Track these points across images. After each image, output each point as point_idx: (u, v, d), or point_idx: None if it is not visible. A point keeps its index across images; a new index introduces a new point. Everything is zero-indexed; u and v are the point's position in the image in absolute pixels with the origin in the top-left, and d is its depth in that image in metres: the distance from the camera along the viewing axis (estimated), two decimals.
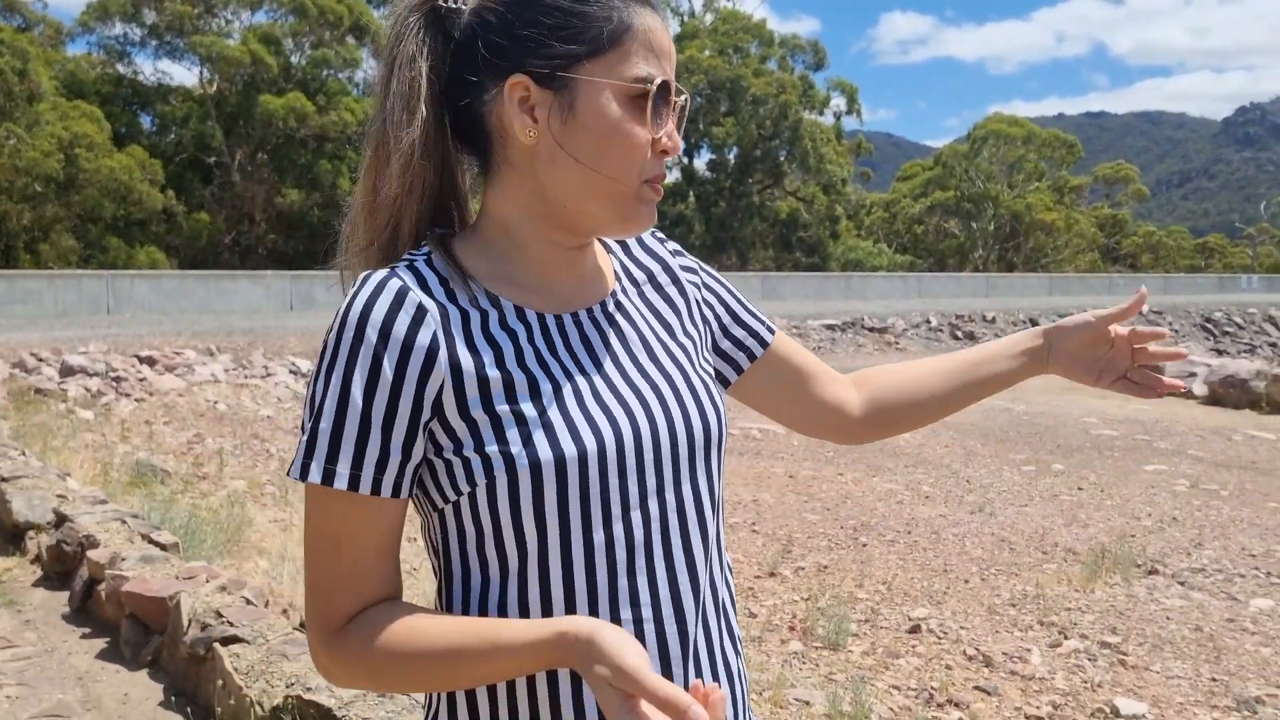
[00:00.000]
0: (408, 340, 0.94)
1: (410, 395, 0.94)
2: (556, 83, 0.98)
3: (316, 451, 0.94)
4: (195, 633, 2.88)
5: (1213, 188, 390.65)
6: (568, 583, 0.96)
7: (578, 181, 0.99)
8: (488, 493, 0.95)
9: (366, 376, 0.93)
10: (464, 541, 0.99)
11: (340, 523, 0.96)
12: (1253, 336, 24.97)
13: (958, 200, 47.71)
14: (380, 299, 0.95)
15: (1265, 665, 4.23)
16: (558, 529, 0.95)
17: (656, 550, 0.99)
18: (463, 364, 0.95)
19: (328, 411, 0.94)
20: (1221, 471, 8.08)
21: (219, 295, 19.13)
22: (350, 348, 0.94)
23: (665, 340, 1.09)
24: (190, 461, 6.91)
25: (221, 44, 29.74)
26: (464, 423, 0.95)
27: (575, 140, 0.98)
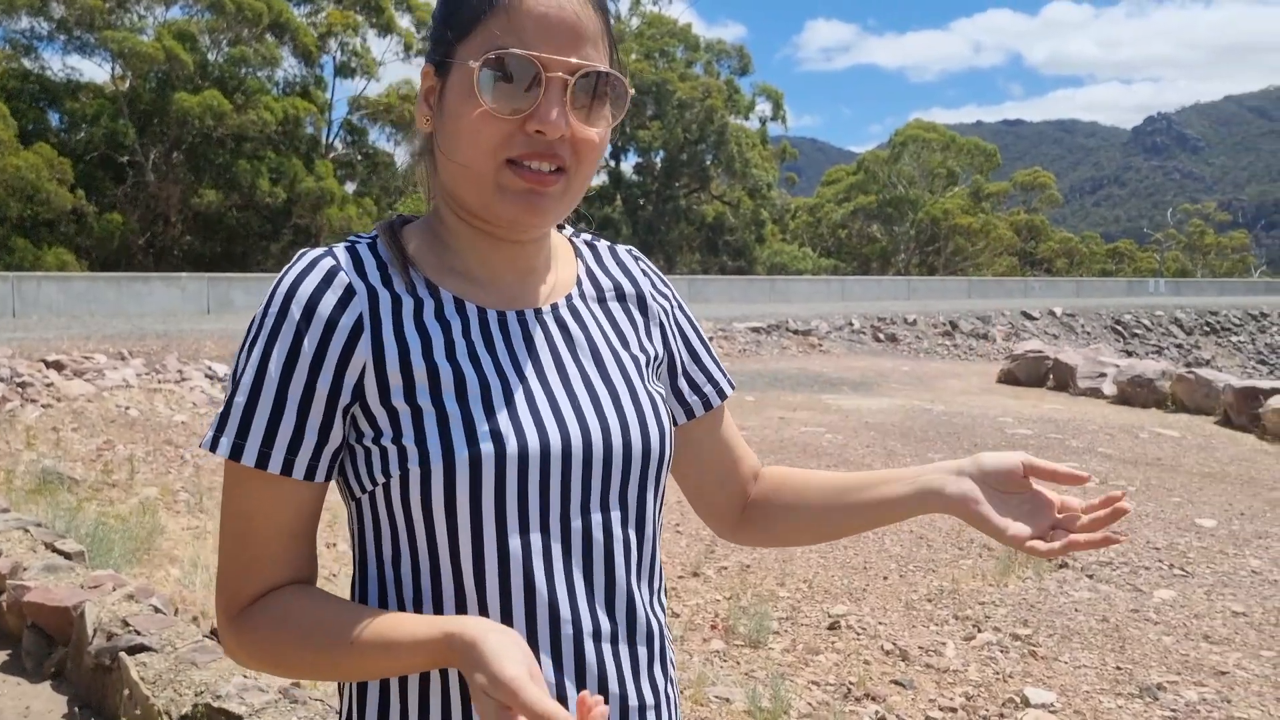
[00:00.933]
0: (331, 319, 0.92)
1: (329, 376, 0.92)
2: (441, 70, 0.98)
3: (229, 425, 0.93)
4: (100, 642, 2.80)
5: (1123, 195, 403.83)
6: (479, 587, 0.93)
7: (452, 169, 0.98)
8: (401, 486, 0.93)
9: (286, 353, 0.92)
10: (379, 532, 0.97)
11: (250, 501, 0.95)
12: (1160, 338, 25.86)
13: (879, 205, 48.57)
14: (309, 276, 0.94)
15: (1167, 653, 4.38)
16: (469, 530, 0.92)
17: (577, 567, 0.96)
18: (386, 349, 0.93)
19: (244, 385, 0.93)
20: (1129, 468, 8.36)
21: (131, 298, 18.58)
22: (273, 323, 0.93)
23: (618, 351, 1.06)
24: (100, 468, 6.70)
25: (134, 40, 28.88)
26: (384, 410, 0.93)
27: (443, 126, 0.98)
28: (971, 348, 21.01)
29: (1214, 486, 7.71)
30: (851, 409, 11.36)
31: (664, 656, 1.06)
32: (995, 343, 21.35)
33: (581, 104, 0.94)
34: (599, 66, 0.95)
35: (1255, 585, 5.35)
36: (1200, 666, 4.24)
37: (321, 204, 30.18)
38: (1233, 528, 6.48)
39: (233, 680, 2.48)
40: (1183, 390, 11.79)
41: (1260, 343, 28.13)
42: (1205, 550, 5.97)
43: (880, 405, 11.74)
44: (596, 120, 0.96)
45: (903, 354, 19.54)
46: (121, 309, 17.87)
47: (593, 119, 0.96)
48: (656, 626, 1.04)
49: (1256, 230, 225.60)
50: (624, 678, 0.99)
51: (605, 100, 0.97)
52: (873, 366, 16.37)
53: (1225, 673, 4.18)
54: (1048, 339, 21.80)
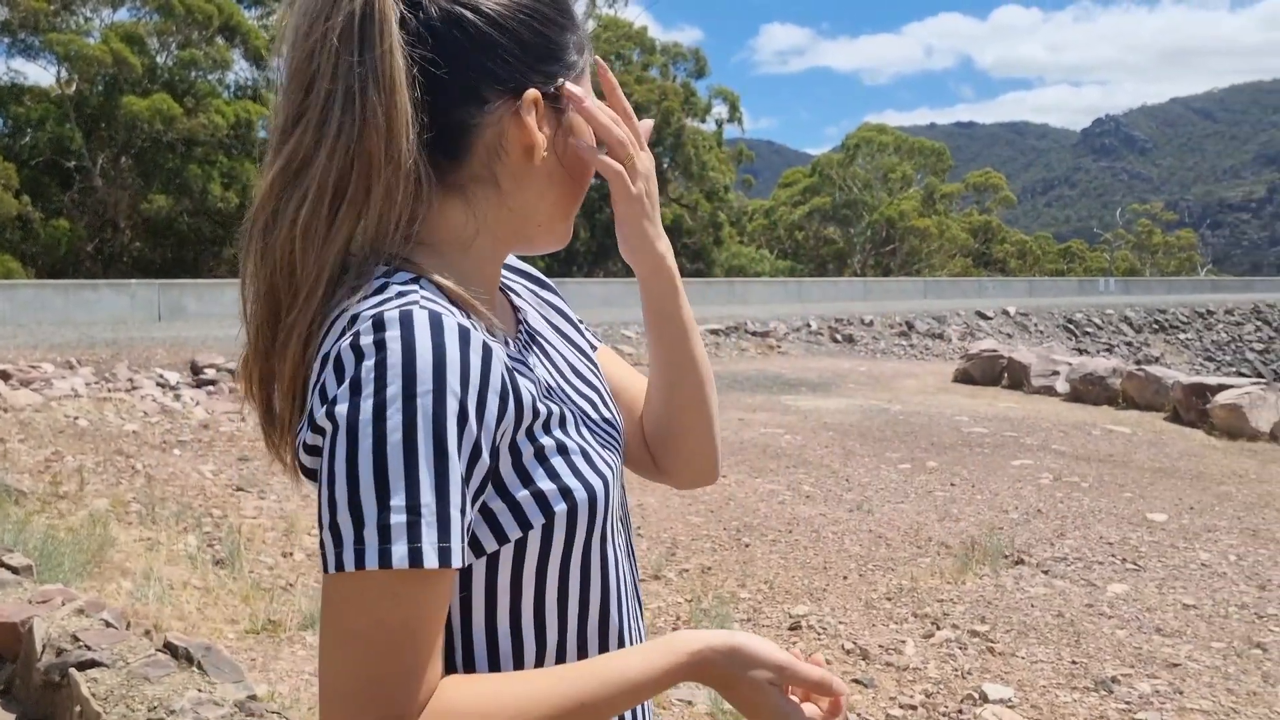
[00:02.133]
0: (485, 384, 0.82)
1: (489, 448, 0.83)
2: (557, 101, 0.96)
3: (424, 531, 0.77)
4: (50, 658, 2.73)
5: (1073, 195, 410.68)
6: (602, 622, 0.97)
7: (563, 201, 0.98)
8: (543, 534, 0.88)
9: (457, 432, 0.79)
10: (493, 596, 0.89)
11: (418, 606, 0.79)
12: (1110, 336, 26.31)
13: (835, 207, 48.96)
14: (448, 339, 0.80)
15: (1120, 647, 4.45)
16: (599, 563, 0.95)
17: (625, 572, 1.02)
18: (524, 401, 0.87)
19: (425, 482, 0.77)
20: (1082, 465, 8.49)
21: (80, 306, 18.24)
22: (434, 402, 0.78)
23: (577, 351, 1.09)
24: (48, 480, 6.56)
25: (80, 42, 28.36)
26: (512, 464, 0.87)
27: (571, 160, 0.97)
28: (927, 347, 21.24)
29: (1164, 481, 7.86)
30: (810, 410, 11.43)
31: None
32: (951, 342, 21.60)
33: None
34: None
35: (1205, 578, 5.45)
36: (1153, 659, 4.31)
37: None
38: (1183, 522, 6.61)
39: (186, 695, 2.44)
40: (1133, 387, 12.01)
41: (1207, 340, 28.74)
42: (1156, 544, 6.07)
43: (838, 405, 11.82)
44: None
45: (860, 354, 19.70)
46: (70, 317, 17.53)
47: None
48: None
49: (1202, 229, 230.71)
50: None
51: None
52: (830, 367, 16.49)
53: (1177, 664, 4.25)
54: (1002, 338, 22.10)
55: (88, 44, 28.48)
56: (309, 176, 0.86)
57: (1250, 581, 5.39)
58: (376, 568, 0.76)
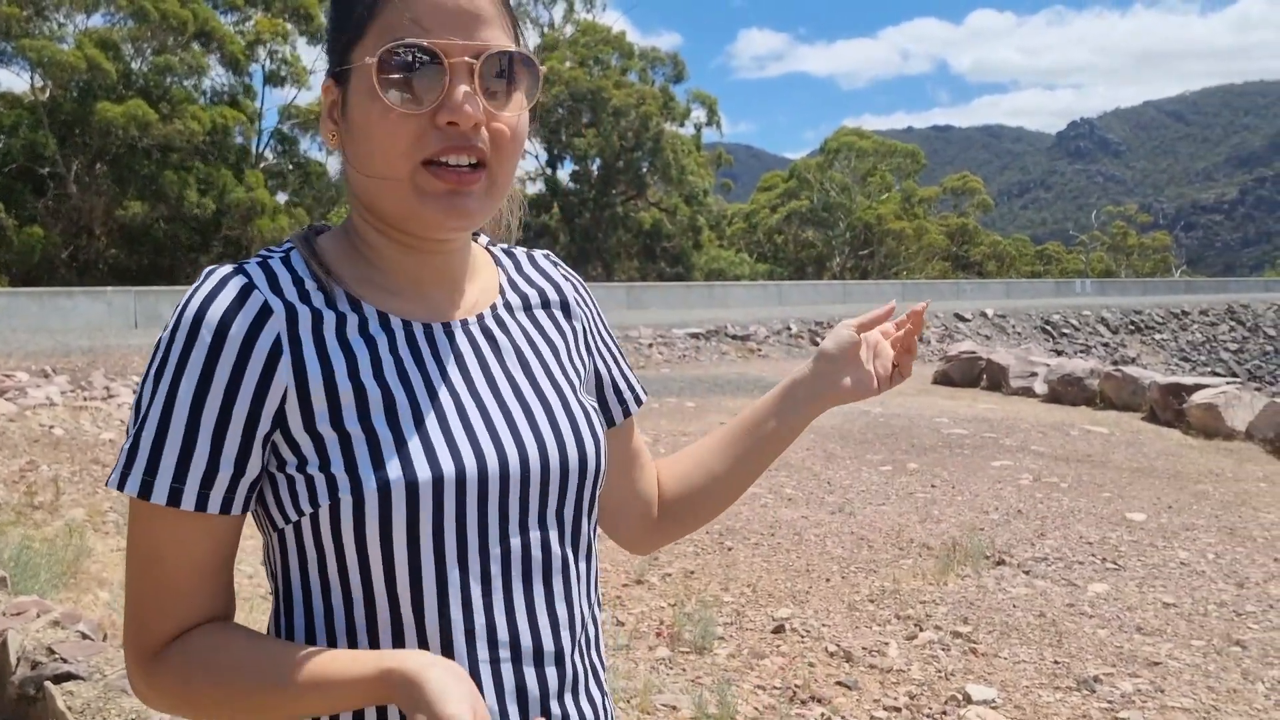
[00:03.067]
0: (246, 340, 0.85)
1: (246, 403, 0.86)
2: (341, 79, 0.92)
3: (136, 461, 0.86)
4: (25, 671, 2.69)
5: (1049, 198, 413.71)
6: (418, 616, 0.89)
7: (363, 181, 0.92)
8: (331, 515, 0.87)
9: (197, 381, 0.85)
10: (305, 564, 0.91)
11: (161, 539, 0.88)
12: (1087, 337, 26.51)
13: (813, 210, 49.14)
14: (220, 295, 0.87)
15: (1102, 646, 4.47)
16: (406, 558, 0.87)
17: (516, 588, 0.93)
18: (309, 371, 0.87)
19: (152, 417, 0.86)
20: (1061, 465, 8.54)
21: (55, 313, 18.05)
22: (182, 348, 0.86)
23: (548, 363, 1.02)
24: (23, 490, 6.48)
25: (54, 48, 28.09)
26: (309, 437, 0.87)
27: (350, 136, 0.92)
28: None
29: (1142, 481, 7.91)
30: None
31: (599, 671, 1.04)
32: (929, 344, 21.70)
33: (492, 89, 0.89)
34: (506, 46, 0.90)
35: (1184, 576, 5.49)
36: (1134, 658, 4.33)
37: (252, 215, 29.61)
38: (1161, 521, 6.65)
39: None
40: (1111, 388, 12.09)
41: (1182, 340, 29.00)
42: (1136, 544, 6.11)
43: None
44: (510, 105, 0.90)
45: None
46: (44, 325, 17.35)
47: (506, 105, 0.90)
48: (595, 641, 1.03)
49: (1176, 231, 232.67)
50: (564, 697, 0.97)
51: (517, 83, 0.91)
52: None
53: (1158, 663, 4.28)
54: (980, 340, 22.23)
55: (61, 50, 28.22)
56: None
57: (1229, 579, 5.43)
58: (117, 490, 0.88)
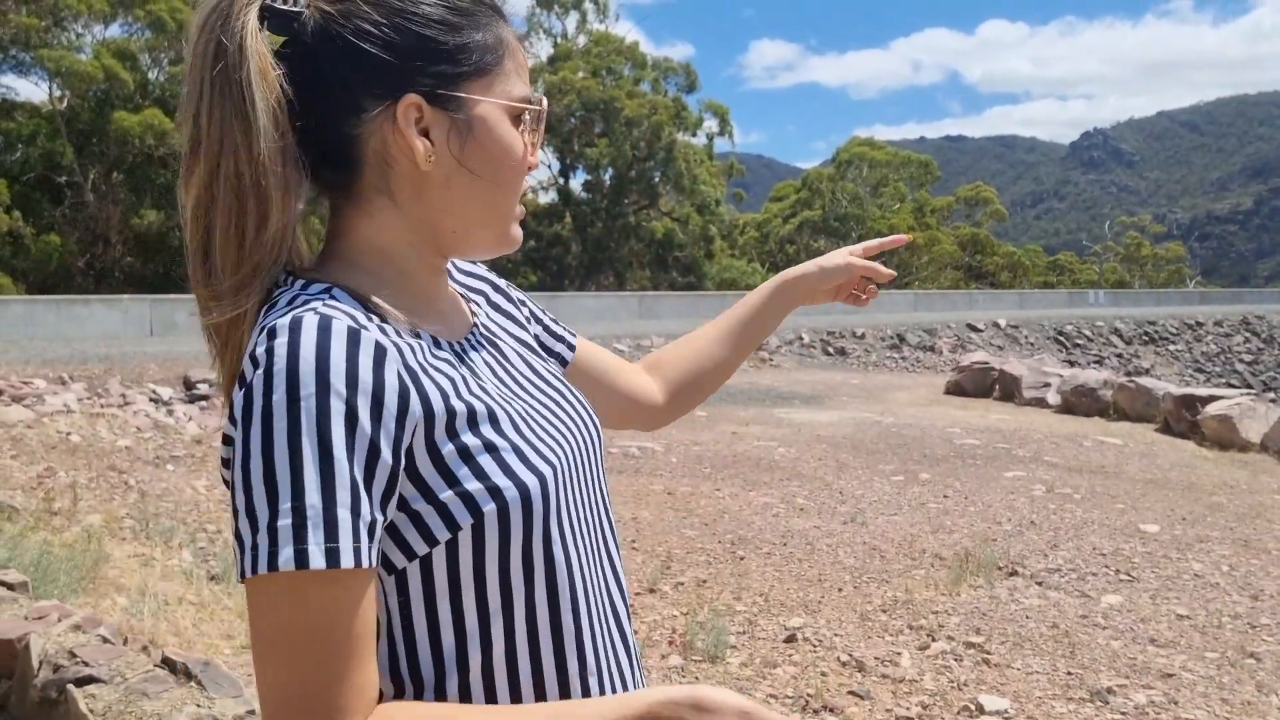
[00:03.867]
0: (377, 385, 0.82)
1: (390, 447, 0.82)
2: (449, 104, 0.92)
3: (310, 532, 0.78)
4: (46, 675, 2.73)
5: (1062, 208, 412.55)
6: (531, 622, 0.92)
7: (475, 205, 0.95)
8: (474, 534, 0.87)
9: (345, 435, 0.79)
10: (432, 598, 0.89)
11: (326, 609, 0.80)
12: (1101, 348, 26.42)
13: (825, 220, 49.13)
14: (334, 342, 0.81)
15: (1115, 657, 4.47)
16: (542, 560, 0.91)
17: (598, 564, 1.00)
18: (432, 401, 0.86)
19: (310, 483, 0.78)
20: (1074, 476, 8.52)
21: (71, 321, 18.18)
22: (317, 404, 0.79)
23: (536, 354, 1.09)
24: (41, 496, 6.54)
25: (72, 59, 28.37)
26: (433, 465, 0.86)
27: (475, 163, 0.94)
28: (919, 360, 21.30)
29: (1156, 492, 7.89)
30: (803, 422, 11.45)
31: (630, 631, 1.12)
32: (942, 355, 21.67)
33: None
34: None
35: (1198, 588, 5.48)
36: (1148, 669, 4.33)
37: None
38: (1175, 532, 6.63)
39: (185, 710, 2.44)
40: (1124, 399, 12.06)
41: (1197, 351, 28.87)
42: (1149, 555, 6.10)
43: (831, 418, 11.85)
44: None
45: (852, 367, 19.75)
46: (61, 332, 17.48)
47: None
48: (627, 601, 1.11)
49: (1190, 242, 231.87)
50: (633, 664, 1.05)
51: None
52: (823, 380, 16.52)
53: (1172, 675, 4.27)
54: (993, 350, 22.18)
55: (79, 60, 28.48)
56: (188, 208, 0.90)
57: (1243, 592, 5.41)
58: (266, 572, 0.77)
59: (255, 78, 0.86)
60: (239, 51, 0.86)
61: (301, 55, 0.90)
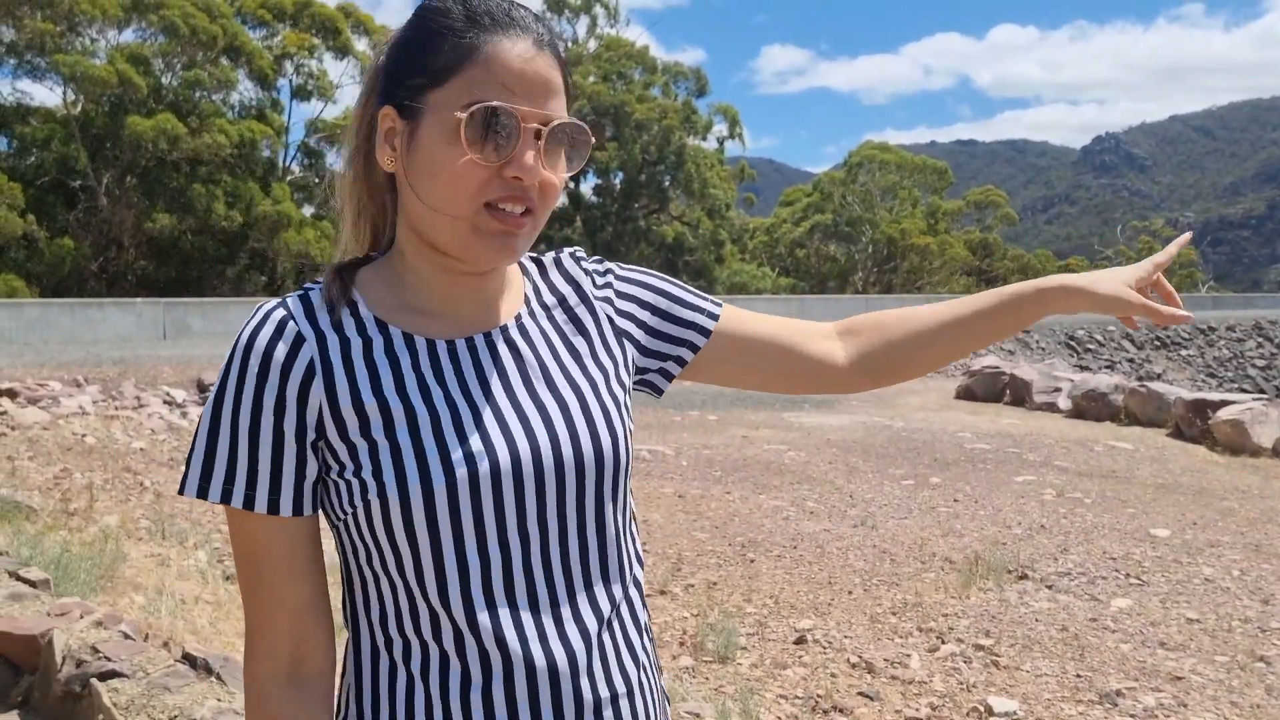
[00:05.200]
0: (284, 366, 0.99)
1: (293, 418, 1.00)
2: (409, 113, 1.02)
3: (215, 472, 1.00)
4: (70, 669, 2.78)
5: (1074, 212, 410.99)
6: (445, 605, 1.00)
7: (420, 207, 1.02)
8: (365, 514, 0.99)
9: (250, 402, 0.99)
10: (356, 554, 1.03)
11: (253, 541, 1.02)
12: (1112, 353, 26.34)
13: (836, 224, 49.07)
14: (263, 329, 1.01)
15: (1125, 660, 4.48)
16: (430, 552, 0.99)
17: (537, 573, 1.02)
18: (339, 390, 1.00)
19: (223, 434, 1.00)
20: (1085, 480, 8.52)
21: (86, 324, 18.32)
22: (236, 375, 1.00)
23: (567, 365, 1.10)
24: (58, 497, 6.61)
25: (86, 63, 28.52)
26: (344, 446, 1.00)
27: (415, 169, 1.02)
28: None
29: (1167, 497, 7.89)
30: (813, 426, 11.47)
31: (637, 649, 1.10)
32: None
33: (552, 152, 1.02)
34: (571, 119, 1.03)
35: (1208, 593, 5.48)
36: (1157, 672, 4.34)
37: (278, 227, 29.92)
38: (1186, 537, 6.64)
39: (206, 704, 2.48)
40: (1135, 404, 12.04)
41: (1209, 356, 28.76)
42: (1160, 559, 6.10)
43: (841, 422, 11.86)
44: (559, 166, 1.04)
45: None
46: (76, 336, 17.61)
47: (559, 165, 1.03)
48: (627, 620, 1.09)
49: (1203, 246, 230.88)
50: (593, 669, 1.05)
51: (572, 148, 1.05)
52: None
53: (1181, 678, 4.28)
54: (1004, 355, 22.14)
55: (93, 65, 28.66)
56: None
57: (1253, 596, 5.42)
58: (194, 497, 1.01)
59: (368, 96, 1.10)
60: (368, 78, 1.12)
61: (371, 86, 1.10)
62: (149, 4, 29.55)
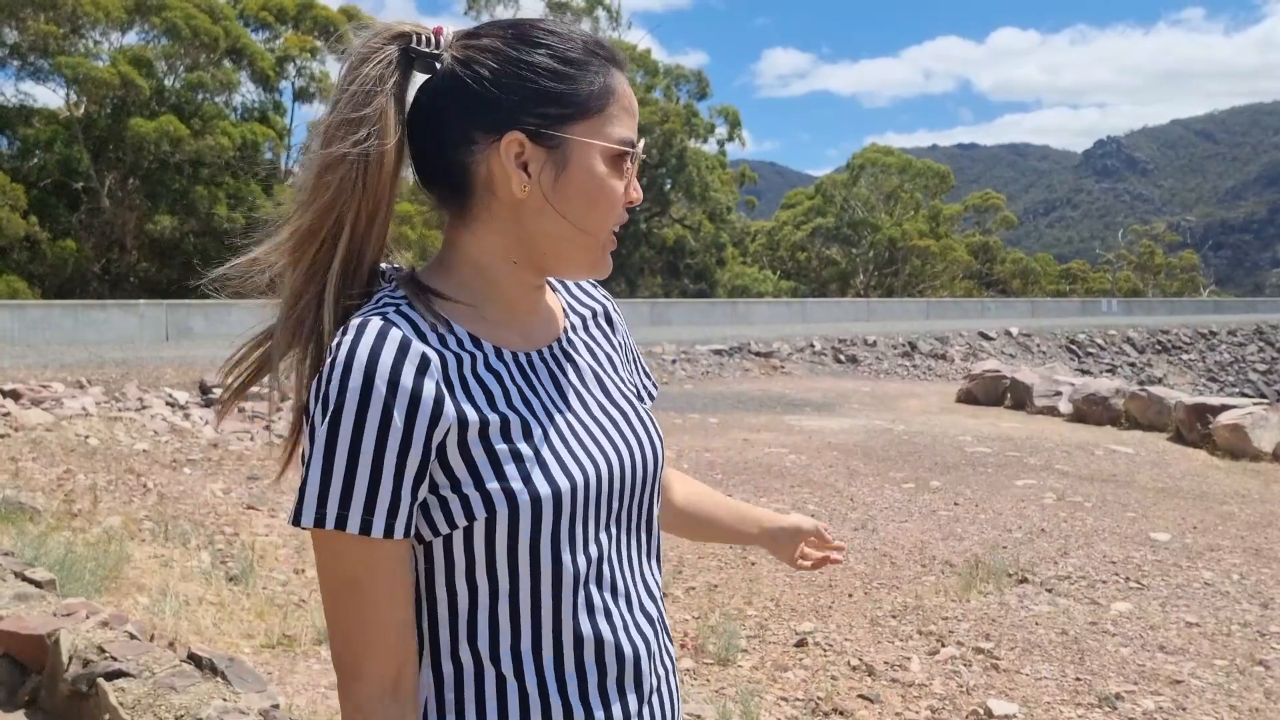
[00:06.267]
0: (415, 391, 0.98)
1: (420, 444, 0.98)
2: (549, 141, 1.06)
3: (330, 499, 0.97)
4: (76, 669, 2.80)
5: (1075, 216, 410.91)
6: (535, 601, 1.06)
7: (564, 233, 1.08)
8: (486, 526, 1.02)
9: (378, 428, 0.96)
10: (451, 571, 1.05)
11: (358, 567, 1.00)
12: (1113, 357, 26.37)
13: (837, 227, 49.11)
14: (385, 348, 0.98)
15: (1124, 664, 4.50)
16: (549, 556, 1.04)
17: (616, 567, 1.11)
18: (465, 411, 1.02)
19: (339, 456, 0.97)
20: (1085, 484, 8.54)
21: (88, 326, 18.35)
22: (359, 398, 0.96)
23: (613, 376, 1.20)
24: (61, 498, 6.63)
25: (89, 66, 28.59)
26: (464, 463, 1.01)
27: (565, 196, 1.07)
28: (930, 368, 21.30)
29: (1167, 501, 7.90)
30: (814, 430, 11.49)
31: (669, 631, 1.22)
32: (954, 363, 21.66)
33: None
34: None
35: (1208, 597, 5.50)
36: (1156, 676, 4.36)
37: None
38: (1186, 541, 6.66)
39: (212, 704, 2.51)
40: (1136, 408, 12.06)
41: (1210, 360, 28.78)
42: (1160, 563, 6.12)
43: (842, 426, 11.88)
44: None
45: (863, 375, 19.76)
46: (79, 337, 17.64)
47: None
48: (661, 611, 1.20)
49: (1204, 250, 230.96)
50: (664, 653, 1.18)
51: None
52: (834, 387, 16.55)
53: (1180, 681, 4.30)
54: (1005, 359, 22.16)
55: (96, 67, 28.73)
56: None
57: (1253, 600, 5.44)
58: (312, 527, 0.98)
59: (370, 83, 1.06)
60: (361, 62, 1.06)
61: (431, 91, 1.08)
62: (152, 6, 29.61)
